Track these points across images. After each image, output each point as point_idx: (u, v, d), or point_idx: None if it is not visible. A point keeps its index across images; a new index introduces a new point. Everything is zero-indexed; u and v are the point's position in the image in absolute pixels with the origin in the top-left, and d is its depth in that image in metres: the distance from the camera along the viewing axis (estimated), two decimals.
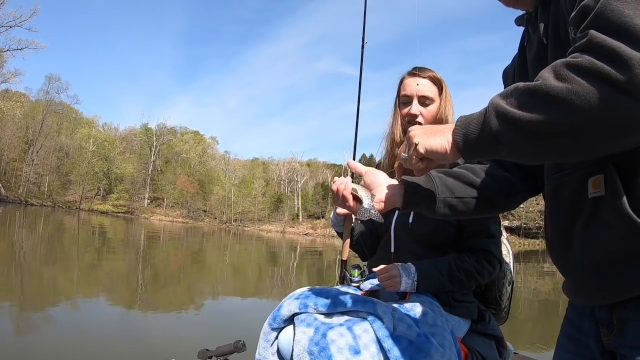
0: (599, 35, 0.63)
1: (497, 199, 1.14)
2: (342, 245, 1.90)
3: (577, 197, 0.82)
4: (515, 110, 0.71)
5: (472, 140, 0.80)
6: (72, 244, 14.53)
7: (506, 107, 0.72)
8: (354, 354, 1.16)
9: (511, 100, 0.72)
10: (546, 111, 0.67)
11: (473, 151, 0.82)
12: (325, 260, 18.46)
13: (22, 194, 57.62)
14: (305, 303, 1.31)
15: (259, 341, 1.38)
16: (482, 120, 0.77)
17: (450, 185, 1.10)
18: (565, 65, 0.66)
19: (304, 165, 74.62)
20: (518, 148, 0.74)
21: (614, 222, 0.74)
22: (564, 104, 0.65)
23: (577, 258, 0.83)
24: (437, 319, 1.31)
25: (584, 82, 0.63)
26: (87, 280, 7.84)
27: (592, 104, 0.62)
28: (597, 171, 0.77)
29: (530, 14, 0.95)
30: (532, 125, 0.68)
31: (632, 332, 0.75)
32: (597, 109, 0.62)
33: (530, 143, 0.71)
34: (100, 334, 4.33)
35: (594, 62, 0.62)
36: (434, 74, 1.70)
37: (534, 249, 36.98)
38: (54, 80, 63.96)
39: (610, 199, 0.74)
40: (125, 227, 31.39)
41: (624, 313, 0.76)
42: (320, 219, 61.33)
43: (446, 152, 0.85)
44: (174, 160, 71.06)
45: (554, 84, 0.66)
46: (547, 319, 8.04)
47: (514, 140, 0.73)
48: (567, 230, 0.85)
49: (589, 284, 0.82)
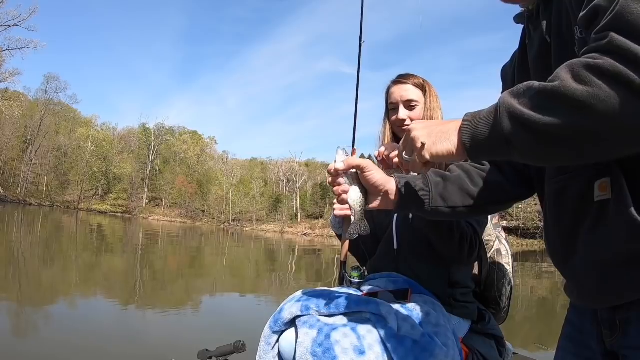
0: (620, 39, 0.60)
1: (489, 206, 1.15)
2: (341, 246, 1.91)
3: (582, 200, 0.80)
4: (530, 112, 0.67)
5: (481, 142, 0.76)
6: (70, 244, 14.51)
7: (520, 109, 0.69)
8: (358, 354, 1.16)
9: (524, 100, 0.69)
10: (565, 115, 0.64)
11: (481, 153, 0.78)
12: (323, 260, 18.46)
13: (21, 193, 57.50)
14: (307, 305, 1.31)
15: (259, 344, 1.37)
16: (493, 121, 0.73)
17: (444, 194, 1.10)
18: (585, 66, 0.63)
19: (302, 165, 74.56)
20: (532, 151, 0.71)
21: (619, 226, 0.73)
22: (584, 107, 0.62)
23: (580, 261, 0.82)
24: (440, 319, 1.31)
25: (605, 87, 0.60)
26: (85, 280, 7.83)
27: (613, 109, 0.60)
28: (604, 174, 0.76)
29: (531, 11, 0.94)
30: (548, 129, 0.65)
31: (635, 333, 0.74)
32: (619, 115, 0.60)
33: (546, 146, 0.68)
34: (100, 334, 4.31)
35: (617, 65, 0.60)
36: (417, 80, 1.77)
37: (532, 249, 37.04)
38: (52, 80, 63.97)
39: (616, 202, 0.73)
40: (124, 227, 31.34)
41: (626, 314, 0.75)
42: (319, 219, 61.31)
43: (452, 154, 0.81)
44: (173, 160, 71.01)
45: (574, 87, 0.63)
46: (545, 319, 8.05)
47: (528, 143, 0.69)
48: (571, 233, 0.83)
49: (592, 287, 0.81)
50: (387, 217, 1.74)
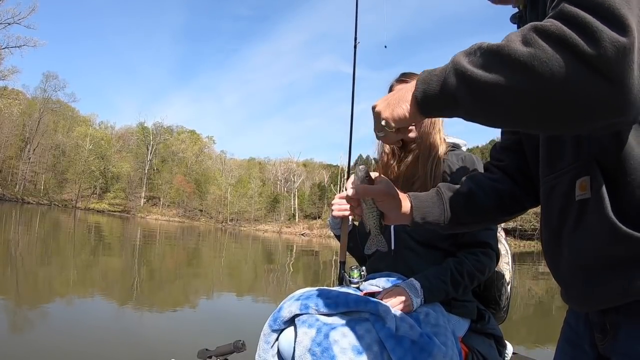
0: (571, 7, 0.60)
1: (499, 217, 1.14)
2: (340, 246, 1.91)
3: (566, 200, 0.79)
4: (473, 69, 0.67)
5: (431, 98, 0.77)
6: (68, 243, 14.47)
7: (466, 66, 0.69)
8: (357, 354, 1.16)
9: (473, 58, 0.69)
10: (505, 74, 0.63)
11: (432, 109, 0.79)
12: (321, 260, 18.46)
13: (18, 192, 57.38)
14: (306, 304, 1.31)
15: (259, 343, 1.37)
16: (443, 78, 0.74)
17: (458, 212, 1.10)
18: (533, 28, 0.63)
19: (300, 165, 74.58)
20: (474, 109, 0.71)
21: (597, 227, 0.71)
22: (525, 68, 0.61)
23: (566, 263, 0.81)
24: (439, 319, 1.31)
25: (549, 49, 0.60)
26: (83, 279, 7.81)
27: (553, 73, 0.59)
28: (584, 173, 0.74)
29: (521, 12, 0.95)
30: (489, 87, 0.65)
31: (624, 337, 0.72)
32: (558, 79, 0.59)
33: (487, 105, 0.68)
34: (99, 334, 4.30)
35: (563, 28, 0.60)
36: None
37: (529, 251, 37.09)
38: (51, 78, 63.85)
39: (594, 202, 0.72)
40: (122, 226, 31.28)
41: (616, 317, 0.73)
42: (317, 220, 61.32)
43: (409, 113, 0.83)
44: (171, 159, 70.93)
45: (518, 47, 0.63)
46: (541, 320, 8.07)
47: (470, 100, 0.69)
48: (557, 233, 0.82)
49: (578, 291, 0.79)
50: None
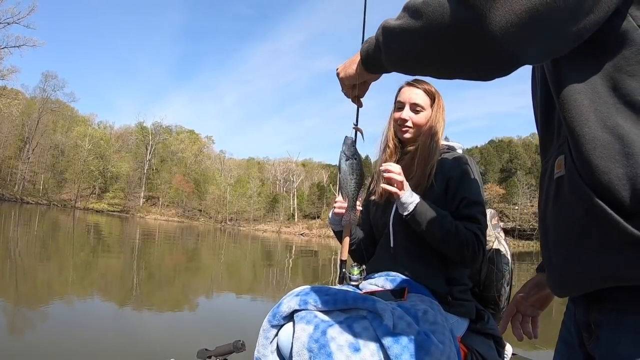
0: None
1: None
2: (341, 244, 1.91)
3: (549, 180, 0.80)
4: (391, 21, 0.78)
5: (369, 53, 0.91)
6: (67, 243, 14.47)
7: (388, 20, 0.80)
8: (353, 351, 1.16)
9: (398, 14, 0.78)
10: (405, 19, 0.73)
11: (371, 64, 0.93)
12: (320, 260, 18.46)
13: (18, 192, 57.37)
14: (306, 300, 1.31)
15: (258, 339, 1.37)
16: (376, 35, 0.86)
17: None
18: None
19: (299, 165, 74.64)
20: (393, 56, 0.81)
21: (573, 200, 0.71)
22: (417, 12, 0.70)
23: (552, 246, 0.79)
24: (437, 317, 1.32)
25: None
26: (82, 279, 7.81)
27: (439, 14, 0.66)
28: (560, 152, 0.76)
29: None
30: (395, 32, 0.76)
31: (605, 338, 0.70)
32: (439, 15, 0.66)
33: (399, 50, 0.78)
34: (99, 334, 4.30)
35: None
36: (428, 87, 1.80)
37: (528, 251, 37.15)
38: (50, 78, 63.83)
39: (568, 177, 0.72)
40: (121, 226, 31.28)
41: (598, 316, 0.72)
42: (316, 219, 61.38)
43: (358, 70, 0.99)
44: (170, 159, 70.98)
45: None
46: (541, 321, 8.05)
47: (388, 49, 0.81)
48: (544, 215, 0.83)
49: (557, 271, 0.78)
50: (384, 217, 1.75)
